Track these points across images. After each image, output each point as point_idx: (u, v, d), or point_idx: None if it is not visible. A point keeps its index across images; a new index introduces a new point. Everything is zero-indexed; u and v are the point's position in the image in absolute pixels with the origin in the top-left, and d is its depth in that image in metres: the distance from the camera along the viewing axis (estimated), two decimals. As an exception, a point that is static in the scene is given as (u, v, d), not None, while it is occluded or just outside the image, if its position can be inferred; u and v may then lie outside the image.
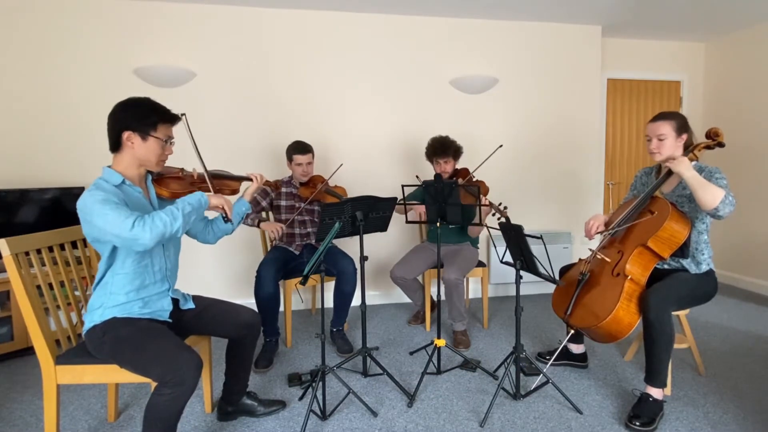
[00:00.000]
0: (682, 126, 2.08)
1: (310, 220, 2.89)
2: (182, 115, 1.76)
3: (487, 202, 2.56)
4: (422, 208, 2.83)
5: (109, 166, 1.63)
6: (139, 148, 1.61)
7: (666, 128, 2.07)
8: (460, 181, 2.88)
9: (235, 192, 1.94)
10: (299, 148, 2.80)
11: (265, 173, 3.45)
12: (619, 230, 2.15)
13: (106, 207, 1.46)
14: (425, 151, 3.02)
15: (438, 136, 2.97)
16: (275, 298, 2.57)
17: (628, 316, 1.93)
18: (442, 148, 2.89)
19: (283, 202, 2.86)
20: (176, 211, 1.55)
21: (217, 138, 3.40)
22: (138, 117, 1.60)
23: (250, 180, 2.01)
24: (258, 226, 2.74)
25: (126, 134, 1.59)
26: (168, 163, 1.79)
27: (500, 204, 2.56)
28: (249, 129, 3.45)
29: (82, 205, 1.50)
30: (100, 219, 1.46)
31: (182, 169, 1.85)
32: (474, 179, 2.92)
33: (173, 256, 1.79)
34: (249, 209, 1.99)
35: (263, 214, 2.89)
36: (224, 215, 1.73)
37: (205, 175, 1.81)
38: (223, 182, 1.92)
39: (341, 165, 3.08)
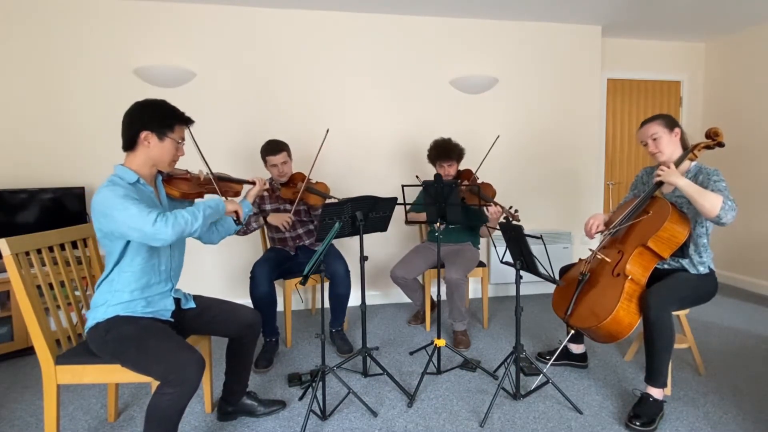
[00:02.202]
0: (670, 122, 2.10)
1: (298, 220, 2.84)
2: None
3: (499, 207, 2.56)
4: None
5: (122, 165, 1.65)
6: (154, 148, 1.65)
7: (655, 127, 2.09)
8: (466, 183, 2.88)
9: (237, 194, 2.00)
10: (271, 148, 2.69)
11: (264, 173, 3.45)
12: (620, 229, 2.15)
13: (128, 202, 1.49)
14: (427, 153, 3.01)
15: (440, 139, 2.96)
16: (271, 297, 2.57)
17: (628, 317, 1.93)
18: (445, 152, 2.88)
19: (268, 206, 2.80)
20: (197, 213, 1.60)
21: (218, 137, 3.40)
22: (157, 118, 1.64)
23: (252, 183, 2.05)
24: (265, 222, 2.70)
25: (144, 134, 1.62)
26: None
27: (511, 207, 2.55)
28: (249, 128, 3.45)
29: (102, 198, 1.51)
30: (122, 213, 1.48)
31: (188, 171, 1.88)
32: (478, 180, 2.91)
33: (178, 256, 1.81)
34: (252, 211, 2.01)
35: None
36: (235, 219, 1.83)
37: (211, 177, 1.87)
38: (227, 185, 1.98)
39: (328, 131, 2.76)
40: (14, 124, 3.10)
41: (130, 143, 1.64)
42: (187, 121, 1.73)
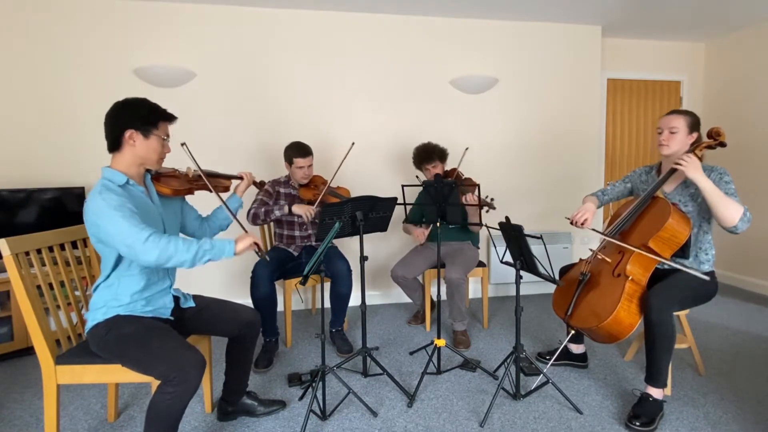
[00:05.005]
0: (695, 124, 2.09)
1: (312, 221, 2.86)
2: (183, 144, 1.85)
3: (474, 196, 2.59)
4: (421, 232, 2.95)
5: (109, 166, 1.63)
6: (140, 147, 1.63)
7: (679, 122, 2.07)
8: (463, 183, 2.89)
9: (227, 189, 1.99)
10: (300, 150, 2.75)
11: (263, 173, 3.45)
12: (622, 228, 2.14)
13: (118, 213, 1.47)
14: (412, 161, 3.09)
15: (420, 144, 3.06)
16: (271, 297, 2.57)
17: (629, 317, 1.93)
18: (427, 155, 2.97)
19: (282, 203, 2.83)
20: (194, 245, 1.53)
21: (217, 138, 3.40)
22: (140, 116, 1.62)
23: (240, 178, 2.08)
24: (290, 212, 2.69)
25: (128, 133, 1.61)
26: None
27: (487, 197, 2.58)
28: (248, 129, 3.45)
29: (95, 207, 1.50)
30: (113, 226, 1.47)
31: (175, 169, 1.88)
32: (462, 177, 2.94)
33: None
34: (242, 205, 2.05)
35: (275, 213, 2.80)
36: (258, 251, 1.66)
37: (201, 173, 1.85)
38: (216, 180, 1.97)
39: (353, 144, 2.96)
40: (14, 124, 3.10)
41: (115, 144, 1.63)
42: (169, 118, 1.71)
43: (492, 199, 2.57)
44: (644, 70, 4.32)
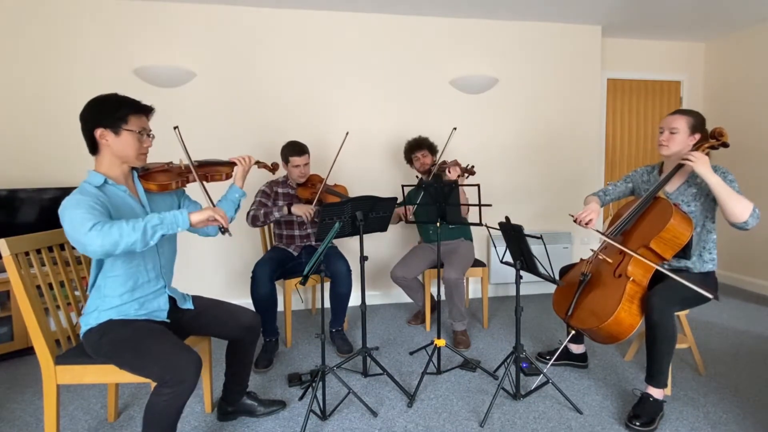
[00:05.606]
0: (698, 125, 2.07)
1: (312, 220, 2.86)
2: (175, 128, 1.79)
3: (457, 168, 2.64)
4: (402, 210, 2.94)
5: (93, 169, 1.60)
6: (114, 144, 1.57)
7: (681, 122, 2.06)
8: (456, 178, 2.89)
9: (228, 176, 1.93)
10: (296, 149, 2.75)
11: (263, 173, 3.45)
12: (623, 229, 2.14)
13: (75, 210, 1.42)
14: (404, 156, 3.18)
15: (411, 138, 3.18)
16: (272, 297, 2.57)
17: (629, 318, 1.93)
18: (417, 144, 3.10)
19: (280, 203, 2.84)
20: (139, 223, 1.42)
21: (217, 138, 3.40)
22: (107, 112, 1.55)
23: (233, 164, 1.96)
24: (289, 212, 2.68)
25: (99, 132, 1.55)
26: (158, 161, 1.77)
27: (467, 165, 2.66)
28: (249, 128, 3.45)
29: (61, 208, 1.46)
30: (66, 224, 1.43)
31: (170, 163, 1.81)
32: (448, 161, 2.97)
33: (168, 252, 1.75)
34: (243, 195, 1.97)
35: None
36: (220, 227, 1.57)
37: (190, 164, 1.77)
38: (213, 169, 1.89)
39: (347, 134, 2.94)
40: (14, 123, 3.09)
41: (92, 145, 1.58)
42: (142, 110, 1.61)
43: (473, 166, 2.64)
44: (644, 70, 4.32)
